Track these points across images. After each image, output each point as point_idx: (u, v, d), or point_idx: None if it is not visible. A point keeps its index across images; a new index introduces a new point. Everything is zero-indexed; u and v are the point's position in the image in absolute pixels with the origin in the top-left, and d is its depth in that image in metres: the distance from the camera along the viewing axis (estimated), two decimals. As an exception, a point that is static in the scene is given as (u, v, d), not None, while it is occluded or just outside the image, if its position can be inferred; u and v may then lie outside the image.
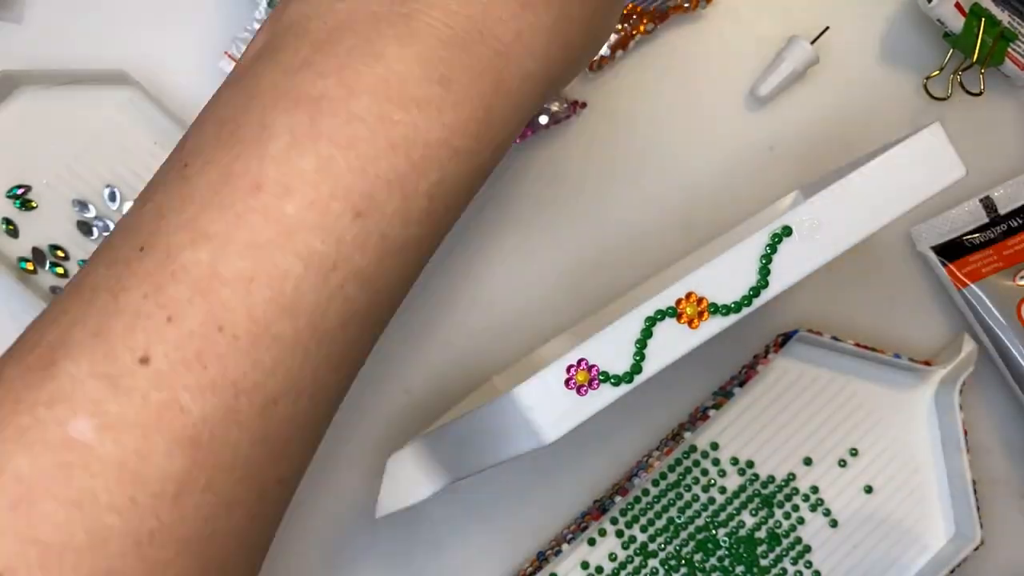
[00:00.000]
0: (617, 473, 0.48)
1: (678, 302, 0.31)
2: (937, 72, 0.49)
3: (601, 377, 0.31)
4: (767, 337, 0.49)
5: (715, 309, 0.32)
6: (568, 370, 0.31)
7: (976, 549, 0.47)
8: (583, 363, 0.31)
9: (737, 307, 0.32)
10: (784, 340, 0.47)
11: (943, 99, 0.50)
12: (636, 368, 0.31)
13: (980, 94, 0.49)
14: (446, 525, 0.47)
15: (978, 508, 0.47)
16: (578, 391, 0.31)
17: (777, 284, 0.32)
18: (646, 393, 0.32)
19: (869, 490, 0.49)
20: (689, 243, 0.49)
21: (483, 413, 0.33)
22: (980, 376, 0.49)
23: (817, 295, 0.50)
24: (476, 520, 0.48)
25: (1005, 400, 0.51)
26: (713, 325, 0.32)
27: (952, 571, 0.47)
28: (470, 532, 0.48)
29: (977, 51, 0.48)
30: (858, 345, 0.47)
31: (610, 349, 0.31)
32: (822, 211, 0.32)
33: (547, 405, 0.31)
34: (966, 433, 0.48)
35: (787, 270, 0.32)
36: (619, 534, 0.47)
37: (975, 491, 0.47)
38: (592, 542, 0.47)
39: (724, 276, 0.32)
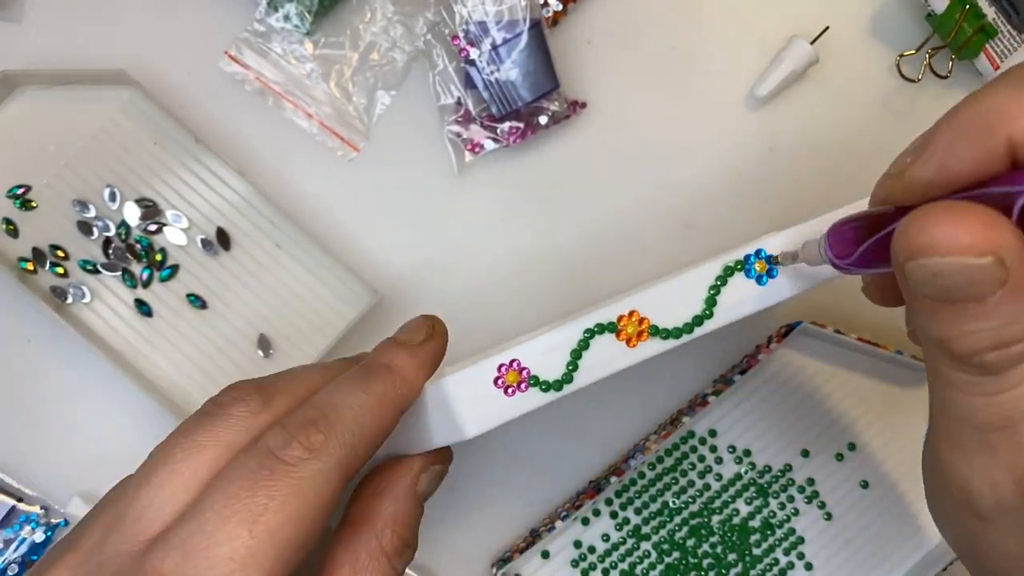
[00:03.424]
0: (614, 454, 0.48)
1: (620, 319, 0.31)
2: (912, 52, 0.49)
3: (531, 381, 0.30)
4: (770, 327, 0.49)
5: (655, 331, 0.31)
6: (499, 368, 0.30)
7: None
8: (515, 363, 0.30)
9: (677, 333, 0.31)
10: (787, 331, 0.47)
11: (914, 81, 0.49)
12: (567, 377, 0.31)
13: (946, 77, 0.49)
14: (439, 500, 0.48)
15: None
16: (506, 391, 0.30)
17: (721, 317, 0.31)
18: (646, 376, 0.32)
19: (865, 485, 0.49)
20: (689, 243, 0.49)
21: None
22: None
23: (823, 288, 0.50)
24: (470, 496, 0.48)
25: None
26: (651, 347, 0.31)
27: (944, 569, 0.47)
28: (463, 509, 0.48)
29: (953, 35, 0.48)
30: (861, 340, 0.47)
31: (544, 354, 0.30)
32: (779, 251, 0.32)
33: (473, 400, 0.30)
34: None
35: (733, 305, 0.32)
36: (613, 515, 0.47)
37: None
38: (586, 521, 0.47)
39: (671, 300, 0.31)
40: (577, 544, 0.47)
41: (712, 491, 0.48)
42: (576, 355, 0.31)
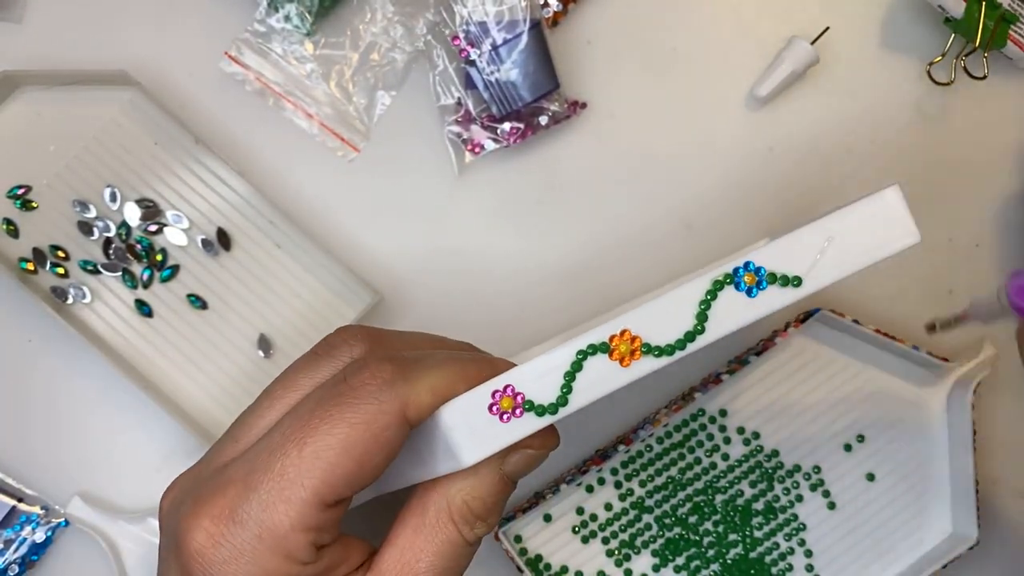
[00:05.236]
0: (623, 423, 0.48)
1: (612, 338, 0.31)
2: (940, 58, 0.49)
3: (526, 406, 0.30)
4: (789, 312, 0.49)
5: (648, 349, 0.31)
6: (493, 395, 0.30)
7: (971, 549, 0.47)
8: (509, 389, 0.30)
9: (671, 350, 0.31)
10: (805, 317, 0.47)
11: (947, 84, 0.50)
12: (562, 400, 0.30)
13: (984, 78, 0.49)
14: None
15: (978, 509, 0.47)
16: (501, 417, 0.30)
17: (713, 331, 0.31)
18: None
19: (871, 478, 0.49)
20: (690, 243, 0.49)
21: None
22: (993, 375, 0.49)
23: (846, 278, 0.49)
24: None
25: (1016, 398, 0.50)
26: (645, 365, 0.31)
27: (944, 567, 0.47)
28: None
29: (979, 35, 0.48)
30: (878, 331, 0.47)
31: (538, 379, 0.30)
32: (767, 262, 0.32)
33: (468, 428, 0.30)
34: (975, 433, 0.48)
35: (725, 318, 0.31)
36: (617, 485, 0.48)
37: (977, 491, 0.47)
38: (590, 489, 0.48)
39: (661, 317, 0.31)
40: (580, 511, 0.47)
41: (718, 470, 0.48)
42: (570, 377, 0.31)
